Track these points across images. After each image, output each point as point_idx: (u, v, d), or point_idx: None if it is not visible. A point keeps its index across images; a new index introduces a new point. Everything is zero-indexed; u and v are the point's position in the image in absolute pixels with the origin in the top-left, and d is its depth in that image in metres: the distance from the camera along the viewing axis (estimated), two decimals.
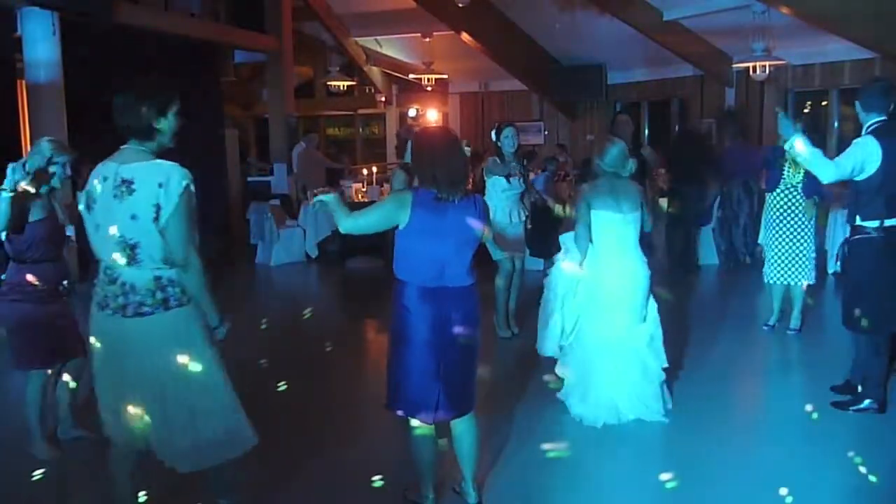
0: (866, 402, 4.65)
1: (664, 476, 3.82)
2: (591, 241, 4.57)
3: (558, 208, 6.56)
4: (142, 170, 2.91)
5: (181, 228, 2.91)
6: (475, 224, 3.33)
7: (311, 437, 4.47)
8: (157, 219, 2.87)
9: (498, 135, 6.24)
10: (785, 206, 6.23)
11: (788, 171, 6.17)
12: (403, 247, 3.33)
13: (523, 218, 6.30)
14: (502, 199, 6.16)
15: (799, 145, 4.36)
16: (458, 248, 3.32)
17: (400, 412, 3.40)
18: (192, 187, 2.94)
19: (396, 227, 3.32)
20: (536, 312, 5.19)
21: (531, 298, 5.71)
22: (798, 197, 6.18)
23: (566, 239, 4.85)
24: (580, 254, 4.58)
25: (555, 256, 5.02)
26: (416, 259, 3.30)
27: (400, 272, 3.36)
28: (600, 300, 4.55)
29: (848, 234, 4.77)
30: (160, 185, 2.87)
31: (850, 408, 4.68)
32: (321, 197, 3.36)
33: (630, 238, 4.54)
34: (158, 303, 2.95)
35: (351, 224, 3.35)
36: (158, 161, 2.96)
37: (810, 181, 5.98)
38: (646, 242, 4.82)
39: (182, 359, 2.97)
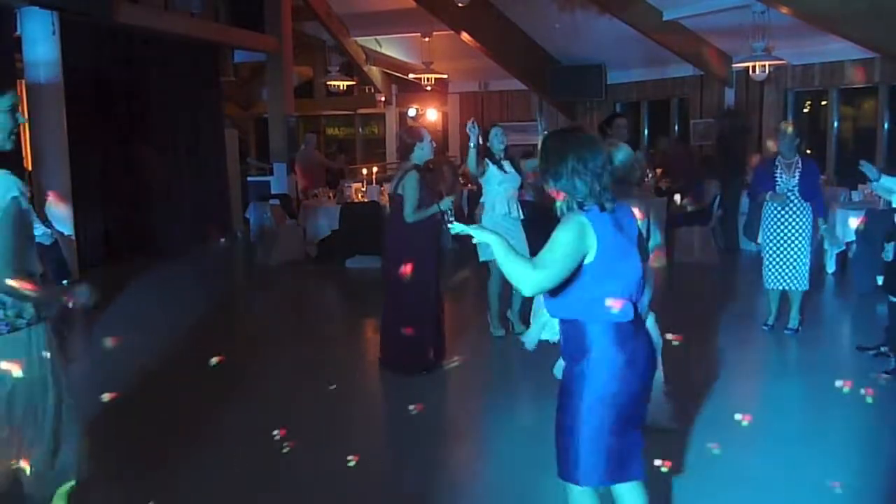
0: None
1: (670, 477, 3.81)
2: None
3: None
4: None
5: (2, 248, 2.53)
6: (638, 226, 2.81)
7: (308, 431, 4.48)
8: None
9: (485, 137, 6.34)
10: (780, 212, 6.20)
11: (782, 177, 6.15)
12: (593, 280, 2.56)
13: (522, 216, 6.34)
14: (500, 192, 6.24)
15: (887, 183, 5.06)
16: (641, 261, 2.72)
17: (596, 483, 2.75)
18: (24, 200, 2.58)
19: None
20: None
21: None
22: (795, 201, 6.13)
23: None
24: None
25: None
26: (611, 289, 2.58)
27: (581, 313, 2.61)
28: None
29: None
30: None
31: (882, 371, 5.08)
32: (478, 233, 2.58)
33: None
34: None
35: (542, 279, 2.50)
36: None
37: (805, 184, 6.06)
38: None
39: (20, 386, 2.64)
